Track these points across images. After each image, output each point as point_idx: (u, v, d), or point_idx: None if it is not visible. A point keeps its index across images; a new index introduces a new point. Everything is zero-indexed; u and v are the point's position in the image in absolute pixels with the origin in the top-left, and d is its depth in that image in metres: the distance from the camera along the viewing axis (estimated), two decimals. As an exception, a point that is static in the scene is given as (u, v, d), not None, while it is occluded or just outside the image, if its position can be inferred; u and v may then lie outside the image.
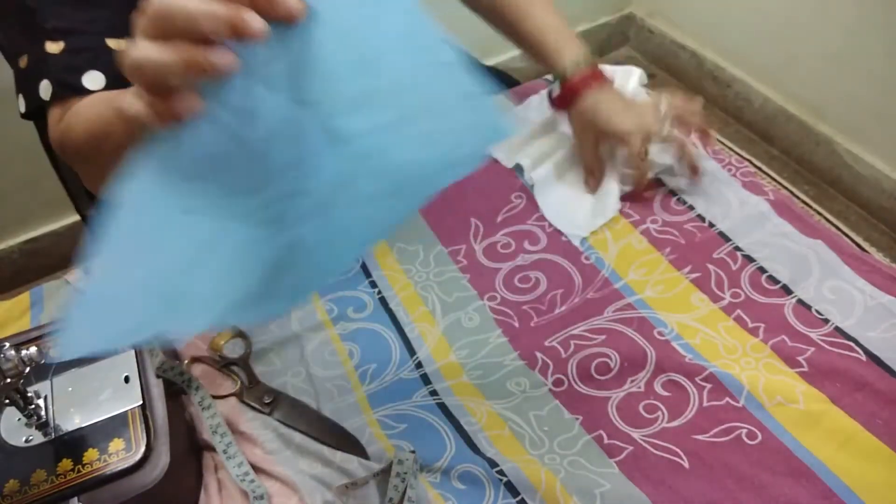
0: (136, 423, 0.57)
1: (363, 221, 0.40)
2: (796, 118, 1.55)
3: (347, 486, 0.59)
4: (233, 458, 0.61)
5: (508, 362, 0.70)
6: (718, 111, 1.74)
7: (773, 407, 0.63)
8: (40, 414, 0.57)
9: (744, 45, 1.65)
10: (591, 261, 0.78)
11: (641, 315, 0.72)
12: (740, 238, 0.78)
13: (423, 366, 0.70)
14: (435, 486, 0.61)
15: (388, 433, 0.65)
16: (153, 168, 0.36)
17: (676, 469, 0.60)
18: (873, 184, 1.43)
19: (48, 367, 0.60)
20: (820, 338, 0.68)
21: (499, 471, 0.61)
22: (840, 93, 1.45)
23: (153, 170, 0.36)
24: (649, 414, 0.65)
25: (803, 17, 1.44)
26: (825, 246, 0.76)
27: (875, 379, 0.64)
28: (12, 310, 0.78)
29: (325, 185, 0.38)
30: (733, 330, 0.70)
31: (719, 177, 0.85)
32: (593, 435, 0.64)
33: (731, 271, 0.75)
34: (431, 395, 0.68)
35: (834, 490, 0.57)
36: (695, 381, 0.66)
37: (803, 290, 0.72)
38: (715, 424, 0.63)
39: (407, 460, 0.60)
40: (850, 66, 1.39)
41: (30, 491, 0.53)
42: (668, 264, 0.77)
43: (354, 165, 0.38)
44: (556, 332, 0.72)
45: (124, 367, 0.61)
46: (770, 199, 0.82)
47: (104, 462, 0.54)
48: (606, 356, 0.69)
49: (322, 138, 0.37)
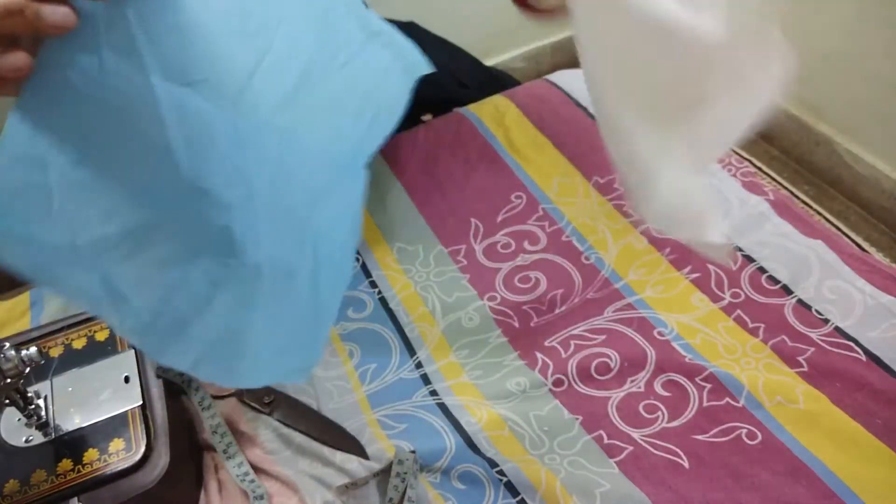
0: (136, 423, 0.57)
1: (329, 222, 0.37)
2: (796, 118, 1.55)
3: (347, 486, 0.59)
4: (233, 458, 0.61)
5: (508, 362, 0.70)
6: (718, 111, 1.75)
7: (773, 407, 0.63)
8: (40, 414, 0.57)
9: (744, 45, 1.65)
10: (591, 261, 0.78)
11: (641, 315, 0.72)
12: (740, 238, 0.78)
13: (423, 366, 0.70)
14: (435, 486, 0.61)
15: (388, 433, 0.65)
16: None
17: (676, 469, 0.60)
18: (873, 184, 1.43)
19: (48, 367, 0.60)
20: (820, 338, 0.68)
21: (499, 471, 0.61)
22: (840, 93, 1.45)
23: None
24: (649, 414, 0.64)
25: (803, 17, 1.44)
26: (825, 246, 0.76)
27: (875, 379, 0.64)
28: (12, 310, 0.78)
29: (261, 181, 0.34)
30: (733, 330, 0.70)
31: (719, 177, 0.85)
32: (593, 435, 0.64)
33: (730, 271, 0.75)
34: (431, 395, 0.68)
35: (834, 490, 0.57)
36: (695, 381, 0.66)
37: (803, 290, 0.72)
38: (715, 424, 0.63)
39: (407, 460, 0.60)
40: (850, 66, 1.39)
41: (30, 491, 0.53)
42: (668, 264, 0.77)
43: (282, 147, 0.34)
44: (556, 332, 0.72)
45: (124, 367, 0.61)
46: (770, 199, 0.82)
47: (104, 462, 0.54)
48: (606, 356, 0.69)
49: (225, 123, 0.33)
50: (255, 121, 0.33)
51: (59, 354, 0.62)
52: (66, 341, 0.63)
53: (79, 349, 0.62)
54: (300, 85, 0.34)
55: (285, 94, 0.34)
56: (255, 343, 0.38)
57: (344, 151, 0.37)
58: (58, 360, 0.61)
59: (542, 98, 0.99)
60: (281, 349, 0.39)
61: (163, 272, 0.35)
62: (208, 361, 0.37)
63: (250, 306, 0.37)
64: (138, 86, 0.31)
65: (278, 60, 0.33)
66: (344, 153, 0.37)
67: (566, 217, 0.83)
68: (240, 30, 0.32)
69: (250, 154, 0.34)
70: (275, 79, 0.33)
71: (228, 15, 0.32)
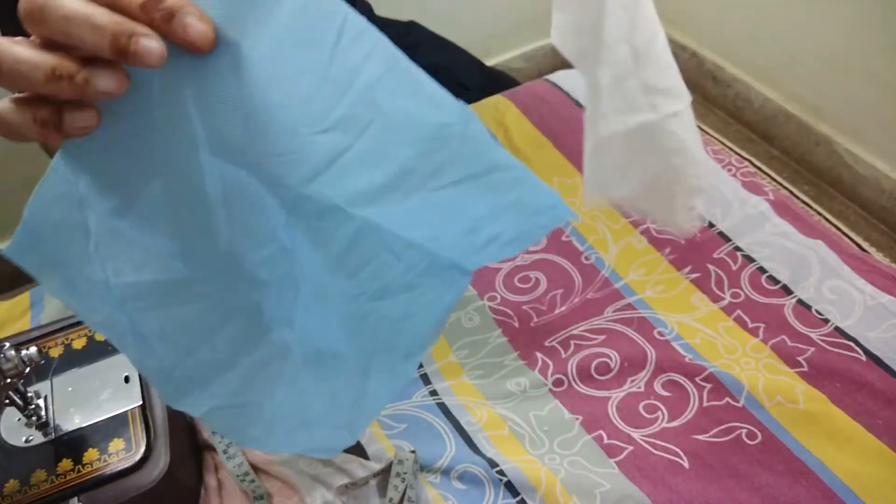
0: (136, 423, 0.57)
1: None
2: (796, 118, 1.55)
3: (347, 486, 0.59)
4: (233, 458, 0.61)
5: (508, 362, 0.70)
6: (718, 111, 1.74)
7: (773, 407, 0.63)
8: (40, 414, 0.57)
9: (744, 45, 1.65)
10: (591, 261, 0.78)
11: (641, 315, 0.72)
12: (740, 238, 0.78)
13: (423, 366, 0.70)
14: (435, 486, 0.61)
15: (388, 433, 0.65)
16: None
17: (676, 469, 0.60)
18: (873, 184, 1.43)
19: (48, 367, 0.60)
20: (820, 338, 0.68)
21: (499, 471, 0.61)
22: (840, 93, 1.45)
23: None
24: (649, 414, 0.64)
25: (803, 17, 1.44)
26: (825, 246, 0.76)
27: (875, 379, 0.64)
28: (12, 310, 0.78)
29: (315, 265, 0.33)
30: (733, 330, 0.70)
31: (719, 177, 0.85)
32: (593, 435, 0.64)
33: (731, 271, 0.75)
34: (431, 394, 0.68)
35: (834, 490, 0.57)
36: (695, 381, 0.66)
37: (803, 290, 0.72)
38: (715, 424, 0.63)
39: (407, 460, 0.60)
40: (850, 66, 1.39)
41: (30, 491, 0.53)
42: (668, 264, 0.77)
43: (355, 237, 0.32)
44: (556, 332, 0.72)
45: (124, 367, 0.61)
46: (770, 199, 0.82)
47: (104, 462, 0.54)
48: (606, 356, 0.69)
49: (276, 208, 0.32)
50: (318, 206, 0.32)
51: (59, 354, 0.62)
52: (66, 341, 0.63)
53: (79, 349, 0.62)
54: (391, 186, 0.32)
55: (369, 190, 0.32)
56: (274, 414, 0.38)
57: (438, 255, 0.35)
58: (58, 360, 0.61)
59: (542, 98, 0.99)
60: (307, 424, 0.39)
61: (188, 329, 0.35)
62: (221, 419, 0.37)
63: (272, 383, 0.37)
64: (186, 153, 0.31)
65: (360, 159, 0.31)
66: (438, 258, 0.35)
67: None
68: (316, 119, 0.30)
69: (305, 239, 0.33)
70: (355, 174, 0.31)
71: (304, 103, 0.30)
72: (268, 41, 0.29)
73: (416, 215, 0.32)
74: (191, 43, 0.27)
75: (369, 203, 0.32)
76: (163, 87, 0.29)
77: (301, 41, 0.29)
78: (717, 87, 1.75)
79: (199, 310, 0.34)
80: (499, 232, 0.33)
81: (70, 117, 0.28)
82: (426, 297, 0.35)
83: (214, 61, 0.28)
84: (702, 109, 1.75)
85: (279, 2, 0.28)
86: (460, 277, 0.35)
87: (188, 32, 0.27)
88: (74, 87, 0.27)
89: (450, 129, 0.30)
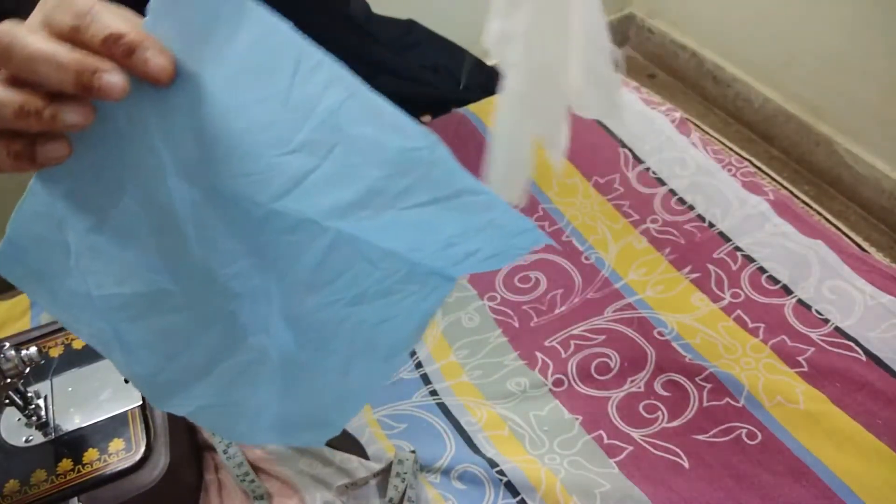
0: (136, 423, 0.57)
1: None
2: (796, 118, 1.55)
3: (347, 486, 0.59)
4: (233, 458, 0.61)
5: (508, 362, 0.70)
6: (718, 111, 1.74)
7: (773, 407, 0.63)
8: (40, 414, 0.57)
9: (744, 45, 1.65)
10: (591, 261, 0.78)
11: (641, 315, 0.72)
12: (740, 238, 0.78)
13: (423, 366, 0.70)
14: (435, 486, 0.61)
15: (388, 433, 0.65)
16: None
17: (676, 469, 0.60)
18: (873, 184, 1.43)
19: (48, 367, 0.60)
20: (820, 338, 0.68)
21: (499, 471, 0.61)
22: (840, 93, 1.45)
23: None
24: (649, 414, 0.64)
25: (803, 17, 1.44)
26: (825, 246, 0.76)
27: (875, 379, 0.64)
28: (12, 310, 0.78)
29: (291, 277, 0.34)
30: (733, 330, 0.70)
31: (719, 177, 0.85)
32: (593, 435, 0.64)
33: (731, 271, 0.75)
34: (431, 395, 0.68)
35: (834, 490, 0.57)
36: (695, 381, 0.66)
37: (803, 290, 0.72)
38: (715, 424, 0.63)
39: (407, 460, 0.60)
40: (850, 66, 1.39)
41: (30, 491, 0.53)
42: (668, 264, 0.77)
43: (330, 249, 0.33)
44: (556, 332, 0.72)
45: (124, 367, 0.61)
46: (770, 199, 0.82)
47: (104, 462, 0.54)
48: (606, 356, 0.69)
49: (246, 224, 0.33)
50: (289, 220, 0.33)
51: (59, 354, 0.62)
52: (66, 341, 0.63)
53: (79, 349, 0.62)
54: (361, 204, 0.32)
55: (340, 205, 0.32)
56: (257, 412, 0.39)
57: (419, 264, 0.35)
58: (58, 360, 0.61)
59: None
60: (290, 419, 0.40)
61: (169, 337, 0.36)
62: (207, 417, 0.39)
63: (252, 384, 0.38)
64: (154, 177, 0.32)
65: (327, 179, 0.32)
66: (419, 265, 0.35)
67: (566, 217, 0.83)
68: (281, 142, 0.31)
69: (277, 252, 0.34)
70: (324, 191, 0.32)
71: (267, 128, 0.31)
72: (226, 71, 0.30)
73: (391, 230, 0.33)
74: (152, 76, 0.28)
75: (341, 217, 0.33)
76: (128, 117, 0.30)
77: (259, 71, 0.30)
78: (717, 87, 1.75)
79: (178, 319, 0.36)
80: (476, 248, 0.34)
81: (42, 149, 0.29)
82: (405, 302, 0.36)
83: (176, 91, 0.30)
84: (702, 109, 1.75)
85: (235, 36, 0.29)
86: (442, 283, 0.36)
87: (149, 66, 0.28)
88: (42, 122, 0.28)
89: (416, 154, 0.31)
